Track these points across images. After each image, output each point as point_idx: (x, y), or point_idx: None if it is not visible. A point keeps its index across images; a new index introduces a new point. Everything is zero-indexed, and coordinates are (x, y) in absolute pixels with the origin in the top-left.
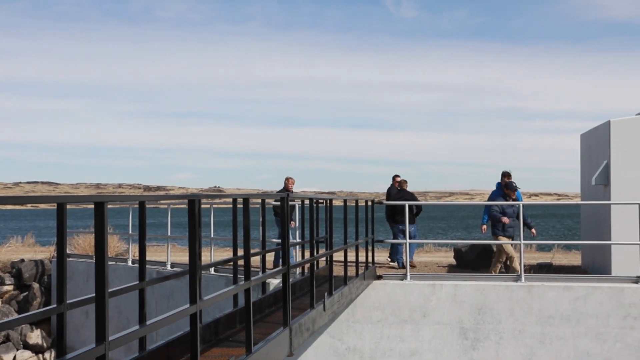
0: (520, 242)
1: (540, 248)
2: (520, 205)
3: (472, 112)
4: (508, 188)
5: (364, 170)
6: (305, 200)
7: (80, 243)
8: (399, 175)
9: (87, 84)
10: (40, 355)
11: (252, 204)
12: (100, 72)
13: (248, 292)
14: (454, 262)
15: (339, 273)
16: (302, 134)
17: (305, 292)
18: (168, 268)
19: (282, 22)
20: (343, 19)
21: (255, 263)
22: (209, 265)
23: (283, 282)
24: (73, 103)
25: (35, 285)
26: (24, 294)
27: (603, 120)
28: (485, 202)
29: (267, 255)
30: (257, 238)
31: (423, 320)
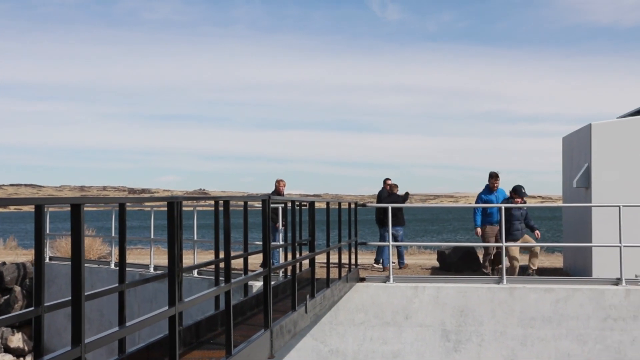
0: (502, 244)
1: (524, 251)
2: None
3: (457, 115)
4: (516, 193)
5: (350, 173)
6: (288, 203)
7: (64, 246)
8: (390, 179)
9: (71, 86)
10: (22, 359)
11: (237, 207)
12: (85, 74)
13: (228, 294)
14: (437, 264)
15: (322, 275)
16: (287, 137)
17: (288, 294)
18: (151, 271)
19: (267, 24)
20: (329, 22)
21: (251, 265)
22: (190, 268)
23: (264, 284)
24: (57, 105)
25: (17, 289)
26: (5, 297)
27: (585, 124)
28: (474, 204)
29: (251, 258)
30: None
31: (406, 323)
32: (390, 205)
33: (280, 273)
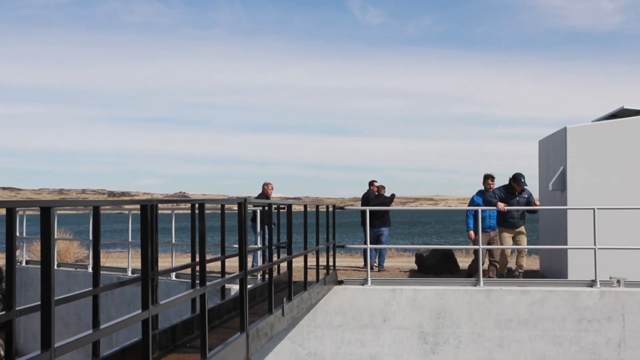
0: (480, 247)
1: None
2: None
3: (436, 118)
4: (516, 181)
5: (330, 176)
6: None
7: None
8: (376, 181)
9: (50, 89)
10: None
11: (211, 209)
12: (65, 76)
13: (203, 297)
14: (416, 267)
15: (300, 278)
16: (268, 140)
17: (266, 297)
18: (128, 274)
19: (248, 28)
20: (310, 25)
21: (232, 268)
22: (167, 271)
23: (240, 287)
24: (36, 108)
25: None
26: None
27: (562, 127)
28: (467, 207)
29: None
30: (223, 244)
31: (383, 325)
32: (368, 208)
33: (259, 276)
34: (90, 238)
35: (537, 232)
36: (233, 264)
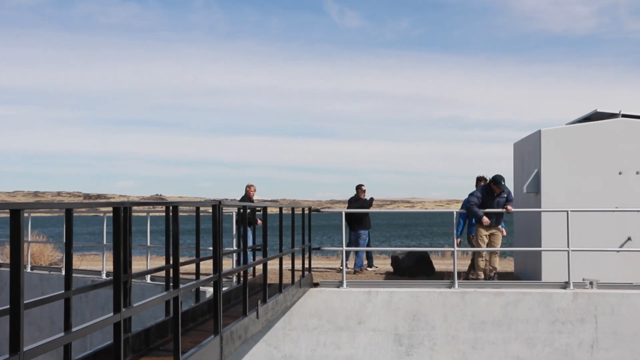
0: (455, 249)
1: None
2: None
3: (413, 121)
4: (495, 183)
5: (307, 179)
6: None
7: None
8: (364, 185)
9: (25, 91)
10: None
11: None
12: (40, 78)
13: (176, 300)
14: (391, 269)
15: (276, 281)
16: (245, 142)
17: (241, 300)
18: (103, 277)
19: (226, 30)
20: (287, 28)
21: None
22: (140, 274)
23: (214, 290)
24: (10, 109)
25: None
26: None
27: (536, 130)
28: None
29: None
30: (192, 246)
31: (359, 327)
32: (344, 210)
33: (234, 279)
34: (64, 241)
35: (511, 234)
36: (211, 267)
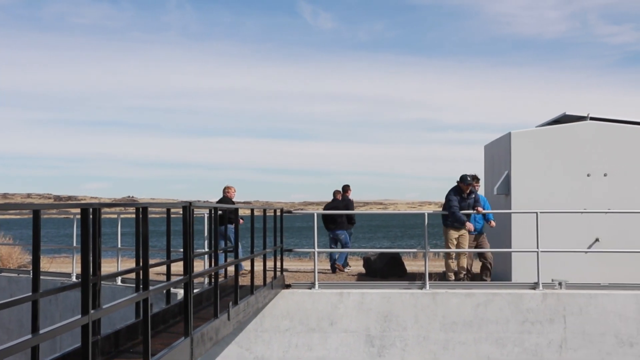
0: (426, 250)
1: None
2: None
3: (387, 123)
4: (463, 182)
5: (281, 180)
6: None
7: None
8: (349, 186)
9: None
10: None
11: (178, 214)
12: (10, 79)
13: (146, 302)
14: (363, 270)
15: (248, 282)
16: (218, 144)
17: (212, 301)
18: (73, 279)
19: (199, 31)
20: (261, 30)
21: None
22: (110, 276)
23: (184, 291)
24: None
25: None
26: None
27: (507, 132)
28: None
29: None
30: (173, 248)
31: (331, 329)
32: (316, 212)
33: (205, 280)
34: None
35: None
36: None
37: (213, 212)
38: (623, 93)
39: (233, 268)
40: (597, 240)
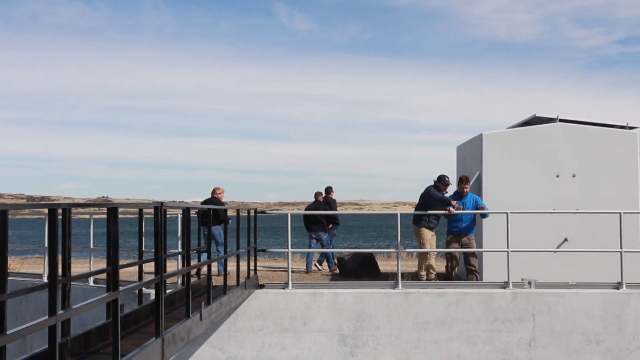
0: (398, 250)
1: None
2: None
3: (362, 124)
4: (441, 181)
5: (256, 181)
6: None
7: None
8: (331, 188)
9: None
10: None
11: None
12: None
13: (116, 302)
14: (337, 270)
15: (221, 282)
16: (194, 144)
17: (185, 302)
18: (44, 280)
19: (175, 32)
20: (237, 30)
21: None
22: (80, 276)
23: (156, 291)
24: None
25: None
26: None
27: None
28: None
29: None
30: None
31: (304, 328)
32: (290, 213)
33: (179, 281)
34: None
35: None
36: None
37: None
38: (592, 95)
39: (207, 268)
40: (565, 240)
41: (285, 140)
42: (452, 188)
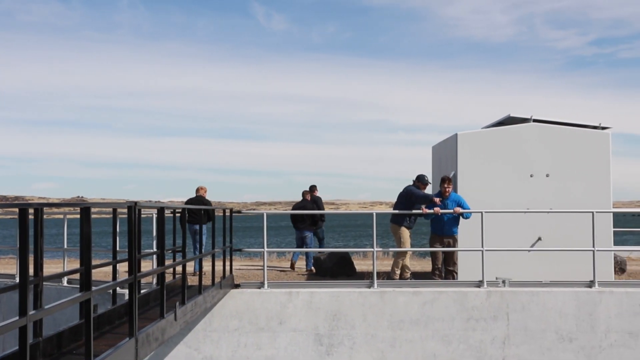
0: (374, 249)
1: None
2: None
3: (339, 124)
4: (420, 181)
5: (232, 180)
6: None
7: None
8: (316, 186)
9: None
10: None
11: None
12: None
13: (88, 302)
14: (313, 270)
15: (196, 282)
16: (170, 144)
17: (160, 302)
18: (17, 280)
19: (151, 31)
20: (214, 30)
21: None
22: (53, 277)
23: (129, 292)
24: None
25: None
26: None
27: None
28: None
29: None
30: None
31: (280, 328)
32: (266, 212)
33: (154, 281)
34: None
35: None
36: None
37: (159, 212)
38: (566, 96)
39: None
40: (539, 239)
41: (263, 140)
42: (430, 188)
